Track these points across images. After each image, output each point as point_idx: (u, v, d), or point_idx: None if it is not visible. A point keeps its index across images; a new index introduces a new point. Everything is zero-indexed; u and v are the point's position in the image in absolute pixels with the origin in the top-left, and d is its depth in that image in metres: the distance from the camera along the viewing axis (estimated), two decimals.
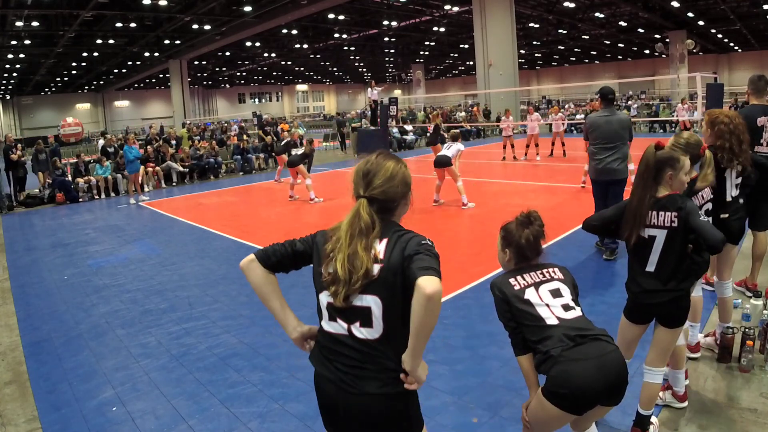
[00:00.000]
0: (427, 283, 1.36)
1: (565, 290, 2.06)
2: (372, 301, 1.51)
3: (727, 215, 3.27)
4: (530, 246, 2.08)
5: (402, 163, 1.64)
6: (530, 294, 2.02)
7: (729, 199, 3.29)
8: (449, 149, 8.45)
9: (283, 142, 12.77)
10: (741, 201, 3.36)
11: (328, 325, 1.63)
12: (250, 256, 1.68)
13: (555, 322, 1.95)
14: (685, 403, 2.85)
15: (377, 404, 1.54)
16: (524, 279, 2.06)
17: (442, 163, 8.32)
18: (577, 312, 2.01)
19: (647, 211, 2.40)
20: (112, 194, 13.05)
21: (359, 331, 1.54)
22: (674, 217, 2.35)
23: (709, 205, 2.88)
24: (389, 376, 1.53)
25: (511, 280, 2.06)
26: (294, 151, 10.92)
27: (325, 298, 1.62)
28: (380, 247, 1.53)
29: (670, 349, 2.52)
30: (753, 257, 4.22)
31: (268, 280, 1.68)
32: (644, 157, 2.44)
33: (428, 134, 12.89)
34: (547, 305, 1.99)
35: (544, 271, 2.09)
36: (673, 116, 19.17)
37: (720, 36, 35.73)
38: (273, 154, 16.55)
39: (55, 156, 13.25)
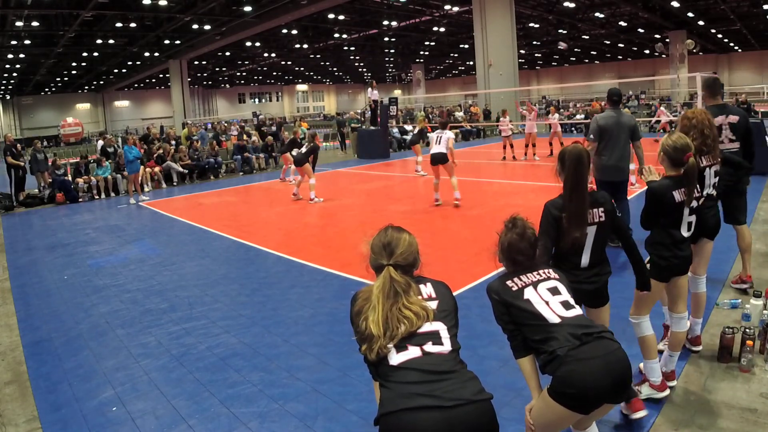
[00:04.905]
0: None
1: (563, 289, 2.07)
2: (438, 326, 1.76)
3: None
4: (514, 250, 2.11)
5: (410, 233, 1.93)
6: (529, 293, 2.02)
7: (704, 195, 3.32)
8: (440, 143, 8.33)
9: (288, 141, 12.69)
10: (714, 197, 3.43)
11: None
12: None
13: (557, 320, 1.96)
14: (666, 392, 2.87)
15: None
16: (521, 279, 2.07)
17: (439, 159, 8.28)
18: (577, 310, 2.01)
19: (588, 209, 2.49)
20: (112, 194, 13.05)
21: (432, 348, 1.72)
22: (601, 212, 2.50)
23: (693, 203, 2.87)
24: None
25: (508, 282, 2.07)
26: (297, 150, 10.81)
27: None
28: (427, 290, 1.84)
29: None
30: (740, 251, 4.30)
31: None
32: (582, 155, 2.50)
33: (413, 134, 13.15)
34: (547, 303, 2.00)
35: (540, 271, 2.11)
36: (675, 116, 19.21)
37: (720, 36, 35.75)
38: (273, 154, 16.58)
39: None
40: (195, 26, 27.09)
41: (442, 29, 33.67)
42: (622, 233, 2.61)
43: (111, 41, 28.55)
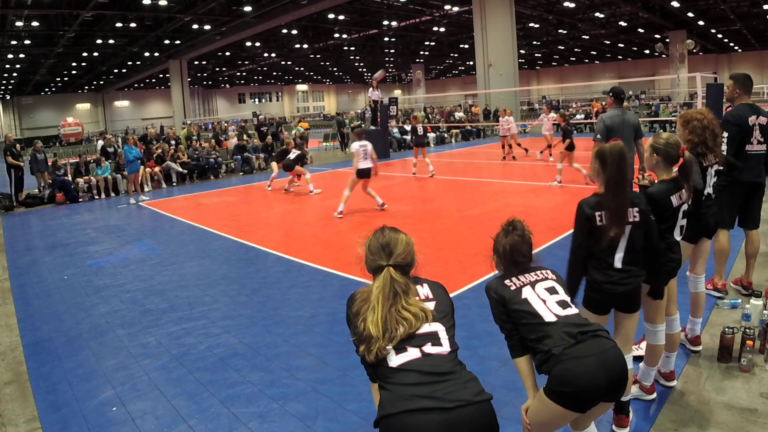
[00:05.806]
0: None
1: (560, 289, 2.09)
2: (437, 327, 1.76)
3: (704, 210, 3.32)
4: (517, 252, 2.12)
5: (406, 233, 1.93)
6: (527, 292, 2.04)
7: (705, 195, 3.32)
8: (367, 156, 8.00)
9: (279, 151, 12.61)
10: (713, 197, 3.43)
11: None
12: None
13: (553, 319, 1.97)
14: (654, 395, 2.88)
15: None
16: (519, 279, 2.09)
17: (367, 174, 8.10)
18: (573, 309, 2.03)
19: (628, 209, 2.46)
20: (112, 194, 13.05)
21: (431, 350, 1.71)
22: (636, 212, 2.46)
23: (685, 205, 2.84)
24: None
25: (507, 281, 2.10)
26: (287, 157, 10.92)
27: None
28: (424, 291, 1.84)
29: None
30: (746, 256, 4.27)
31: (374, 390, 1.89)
32: (624, 152, 2.47)
33: (417, 135, 12.73)
34: (544, 301, 2.02)
35: (538, 272, 2.14)
36: (674, 116, 19.21)
37: (720, 36, 35.75)
38: (273, 154, 16.56)
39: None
40: (195, 26, 27.11)
41: (442, 29, 33.67)
42: (651, 236, 2.53)
43: (111, 41, 28.55)
